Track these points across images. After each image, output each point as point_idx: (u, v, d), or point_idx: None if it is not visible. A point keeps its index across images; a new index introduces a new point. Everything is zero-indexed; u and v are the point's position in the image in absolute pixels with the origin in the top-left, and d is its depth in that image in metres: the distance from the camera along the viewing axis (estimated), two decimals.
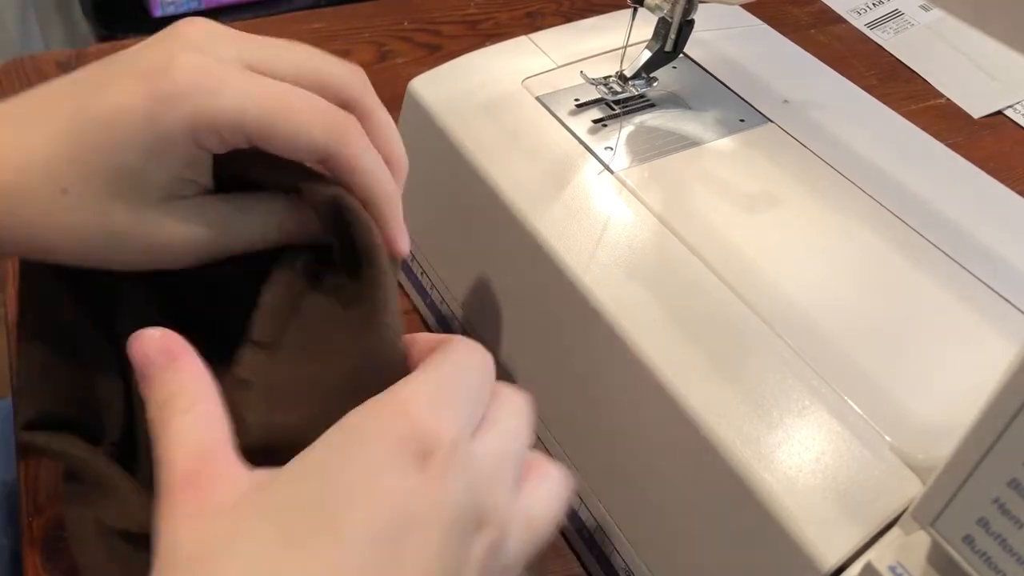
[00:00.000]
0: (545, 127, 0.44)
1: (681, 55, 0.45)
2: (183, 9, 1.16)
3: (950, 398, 0.33)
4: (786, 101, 0.47)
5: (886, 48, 0.74)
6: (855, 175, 0.42)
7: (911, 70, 0.72)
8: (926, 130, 0.47)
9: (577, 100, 0.46)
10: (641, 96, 0.46)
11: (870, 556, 0.28)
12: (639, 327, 0.35)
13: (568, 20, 0.63)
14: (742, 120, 0.45)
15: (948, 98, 0.69)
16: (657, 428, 0.34)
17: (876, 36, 0.75)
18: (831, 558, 0.28)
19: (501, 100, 0.45)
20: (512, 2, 0.77)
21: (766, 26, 0.54)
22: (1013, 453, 0.23)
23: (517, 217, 0.40)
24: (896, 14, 0.77)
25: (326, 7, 0.74)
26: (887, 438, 0.31)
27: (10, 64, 0.65)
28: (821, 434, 0.32)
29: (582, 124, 0.44)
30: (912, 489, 0.30)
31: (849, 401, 0.32)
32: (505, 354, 0.42)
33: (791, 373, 0.33)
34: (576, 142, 0.43)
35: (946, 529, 0.25)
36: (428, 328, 0.49)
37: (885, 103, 0.49)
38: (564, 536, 0.41)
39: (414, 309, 0.51)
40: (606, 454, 0.37)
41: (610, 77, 0.45)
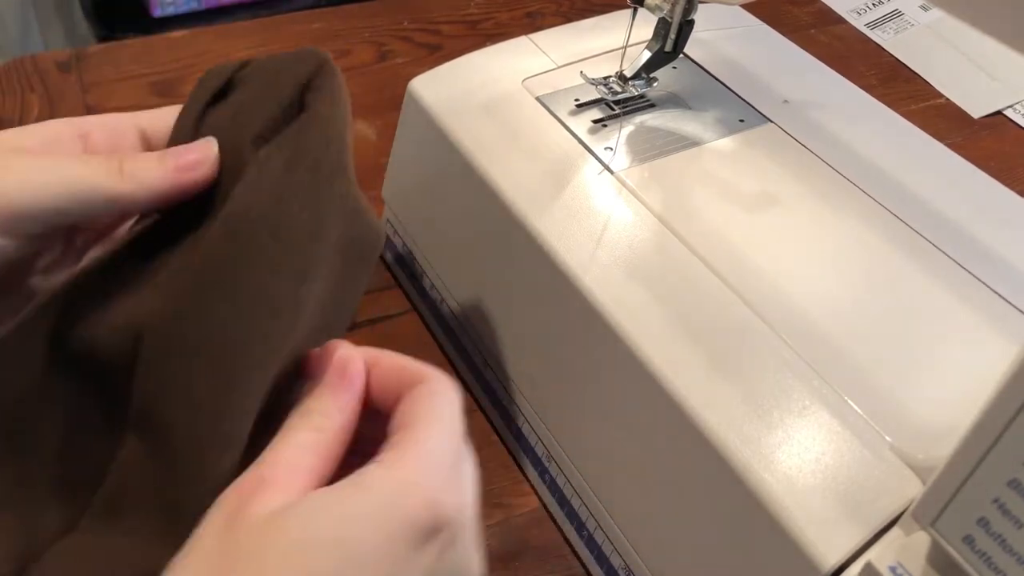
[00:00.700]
0: (545, 127, 0.44)
1: (681, 55, 0.45)
2: (183, 9, 1.16)
3: (950, 398, 0.33)
4: (786, 101, 0.47)
5: (886, 48, 0.74)
6: (855, 175, 0.42)
7: (911, 70, 0.72)
8: (926, 130, 0.47)
9: (577, 100, 0.46)
10: (641, 96, 0.46)
11: (870, 556, 0.28)
12: (639, 327, 0.35)
13: (568, 20, 0.63)
14: (742, 120, 0.45)
15: (948, 98, 0.69)
16: (657, 428, 0.34)
17: (876, 36, 0.75)
18: (831, 558, 0.28)
19: (501, 100, 0.45)
20: (512, 2, 0.77)
21: (766, 26, 0.54)
22: (1013, 453, 0.23)
23: (517, 217, 0.40)
24: (896, 14, 0.77)
25: (326, 7, 0.74)
26: (887, 438, 0.31)
27: (10, 64, 0.65)
28: (821, 434, 0.32)
29: (582, 124, 0.44)
30: (912, 489, 0.30)
31: (849, 401, 0.32)
32: (505, 354, 0.42)
33: (791, 373, 0.33)
34: (576, 142, 0.43)
35: (946, 529, 0.25)
36: (427, 328, 0.49)
37: (885, 103, 0.49)
38: (564, 536, 0.41)
39: (414, 309, 0.51)
40: (606, 453, 0.37)
41: (610, 77, 0.45)
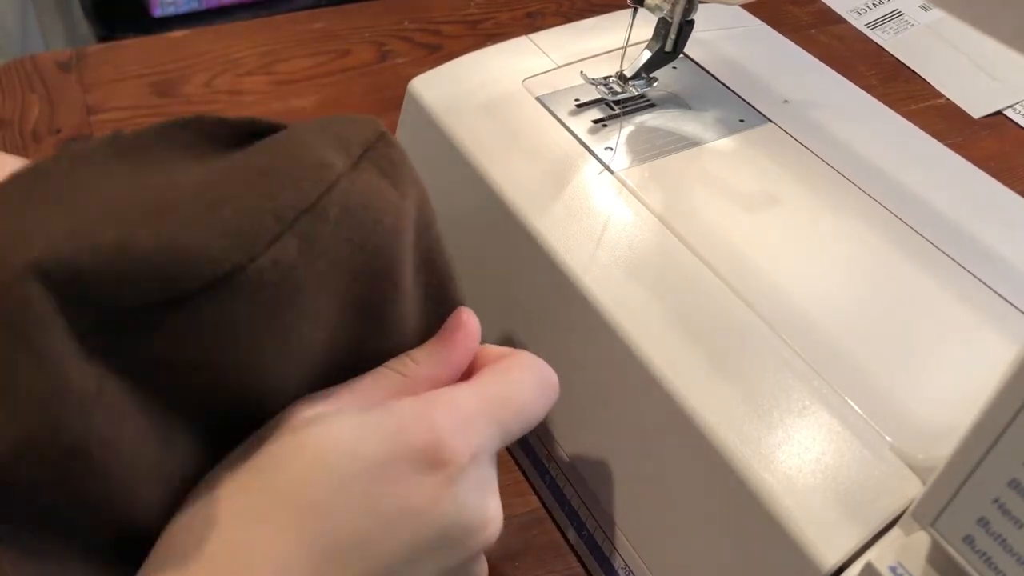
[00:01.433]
0: (545, 127, 0.44)
1: (681, 55, 0.45)
2: (183, 10, 1.16)
3: (950, 398, 0.33)
4: (786, 101, 0.47)
5: (886, 48, 0.74)
6: (855, 175, 0.42)
7: (911, 70, 0.72)
8: (926, 130, 0.47)
9: (577, 100, 0.46)
10: (641, 96, 0.46)
11: (870, 556, 0.28)
12: (639, 327, 0.35)
13: (568, 20, 0.63)
14: (742, 120, 0.45)
15: (948, 98, 0.69)
16: (657, 428, 0.34)
17: (876, 36, 0.75)
18: (831, 558, 0.28)
19: (501, 100, 0.45)
20: (512, 2, 0.77)
21: (766, 26, 0.54)
22: (1013, 453, 0.23)
23: (517, 217, 0.40)
24: (896, 14, 0.77)
25: (326, 7, 0.74)
26: (887, 438, 0.31)
27: (10, 64, 0.65)
28: (821, 434, 0.32)
29: (582, 124, 0.44)
30: (912, 489, 0.30)
31: (849, 401, 0.32)
32: None
33: (791, 373, 0.33)
34: (576, 142, 0.43)
35: (946, 529, 0.25)
36: None
37: (885, 103, 0.49)
38: (564, 535, 0.41)
39: None
40: (606, 453, 0.37)
41: (610, 77, 0.45)
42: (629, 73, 0.45)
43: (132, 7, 1.16)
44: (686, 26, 0.43)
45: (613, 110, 0.45)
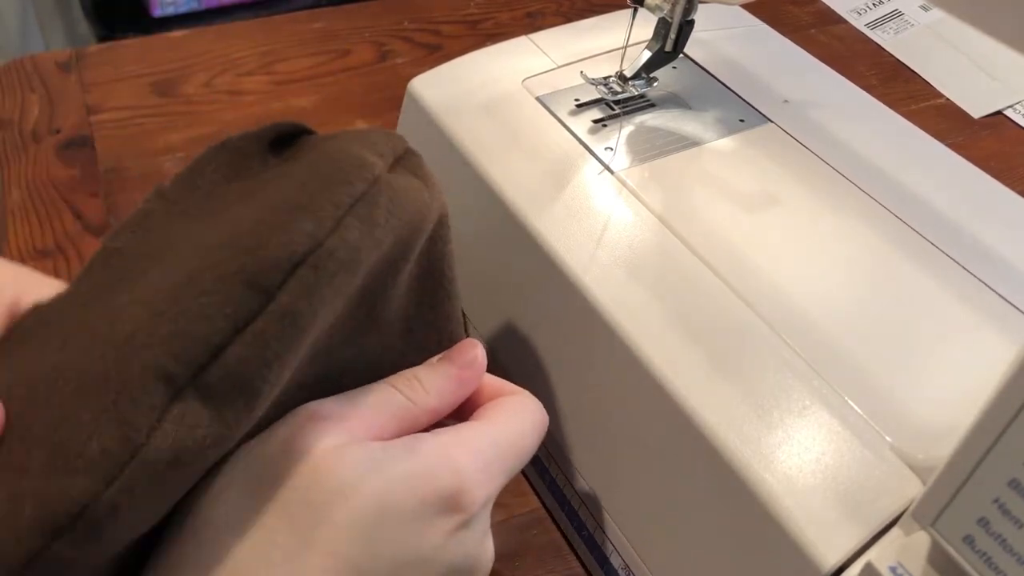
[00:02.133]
0: (545, 127, 0.44)
1: (681, 55, 0.45)
2: (182, 10, 1.16)
3: (950, 398, 0.33)
4: (786, 101, 0.47)
5: (886, 48, 0.74)
6: (855, 175, 0.42)
7: (911, 70, 0.72)
8: (926, 130, 0.47)
9: (577, 100, 0.46)
10: (641, 96, 0.46)
11: (870, 556, 0.28)
12: (639, 327, 0.35)
13: (568, 20, 0.63)
14: (742, 120, 0.45)
15: (948, 98, 0.69)
16: (657, 428, 0.34)
17: (876, 36, 0.75)
18: (831, 558, 0.28)
19: (501, 100, 0.45)
20: (512, 2, 0.77)
21: (766, 26, 0.54)
22: (1013, 453, 0.23)
23: (517, 217, 0.40)
24: (896, 14, 0.77)
25: (326, 7, 0.74)
26: (887, 438, 0.31)
27: (10, 64, 0.65)
28: (821, 434, 0.32)
29: (582, 124, 0.44)
30: (912, 489, 0.30)
31: (849, 401, 0.32)
32: (504, 354, 0.42)
33: (791, 373, 0.33)
34: (576, 142, 0.43)
35: (946, 529, 0.25)
36: None
37: (885, 103, 0.49)
38: (564, 535, 0.41)
39: None
40: (605, 453, 0.37)
41: (610, 77, 0.45)
42: (629, 73, 0.45)
43: (132, 7, 1.16)
44: (686, 26, 0.43)
45: (613, 110, 0.45)
